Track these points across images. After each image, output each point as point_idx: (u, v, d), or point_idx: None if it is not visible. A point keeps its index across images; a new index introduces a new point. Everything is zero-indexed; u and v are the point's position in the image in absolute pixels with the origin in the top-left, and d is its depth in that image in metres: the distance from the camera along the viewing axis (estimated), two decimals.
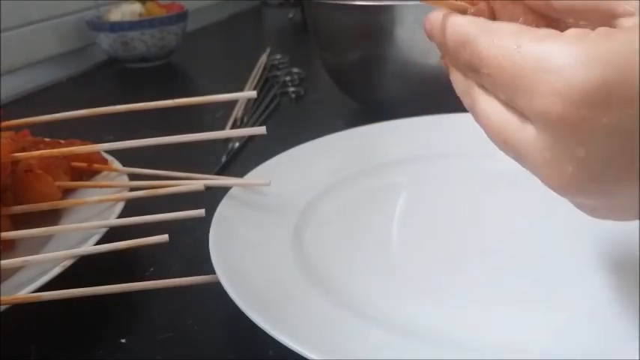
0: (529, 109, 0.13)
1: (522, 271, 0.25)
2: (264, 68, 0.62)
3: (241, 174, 0.32)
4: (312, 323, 0.21)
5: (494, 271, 0.25)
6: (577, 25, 0.16)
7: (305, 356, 0.18)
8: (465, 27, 0.15)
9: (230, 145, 0.43)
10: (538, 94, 0.13)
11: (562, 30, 0.14)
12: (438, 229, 0.29)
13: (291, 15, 0.93)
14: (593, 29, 0.13)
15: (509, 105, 0.14)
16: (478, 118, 0.16)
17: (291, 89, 0.55)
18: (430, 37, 0.18)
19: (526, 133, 0.14)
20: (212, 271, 0.23)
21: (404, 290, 0.24)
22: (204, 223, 0.26)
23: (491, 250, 0.27)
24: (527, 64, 0.13)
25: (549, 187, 0.14)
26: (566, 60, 0.12)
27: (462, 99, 0.17)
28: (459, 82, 0.17)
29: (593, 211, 0.15)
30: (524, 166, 0.15)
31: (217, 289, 0.22)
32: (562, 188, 0.14)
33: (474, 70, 0.15)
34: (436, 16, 0.17)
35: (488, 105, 0.15)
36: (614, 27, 0.13)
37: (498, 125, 0.15)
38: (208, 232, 0.25)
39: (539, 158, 0.14)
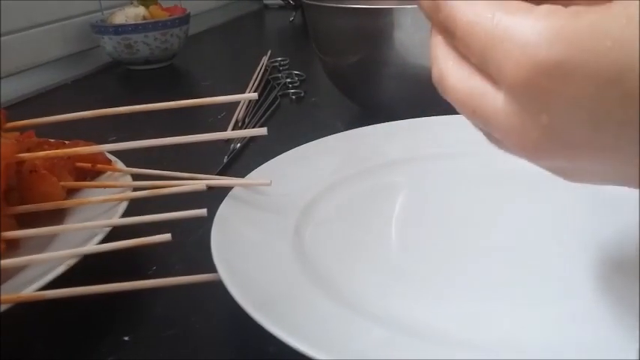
0: (497, 75, 0.14)
1: (522, 270, 0.25)
2: (265, 70, 0.62)
3: (243, 174, 0.32)
4: (313, 321, 0.21)
5: (495, 270, 0.25)
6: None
7: (306, 354, 0.18)
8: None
9: (232, 146, 0.43)
10: (506, 63, 0.14)
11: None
12: (438, 228, 0.29)
13: (291, 18, 0.93)
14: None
15: (481, 70, 0.15)
16: (447, 86, 0.16)
17: (292, 91, 0.55)
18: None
19: (496, 100, 0.14)
20: (214, 270, 0.23)
21: (404, 289, 0.24)
22: (206, 222, 0.26)
23: (491, 249, 0.27)
24: (498, 34, 0.14)
25: (517, 152, 0.15)
26: (531, 36, 0.13)
27: (433, 66, 0.17)
28: (433, 49, 0.17)
29: (566, 175, 0.16)
30: (492, 133, 0.15)
31: (219, 287, 0.22)
32: (529, 152, 0.15)
33: (448, 32, 0.16)
34: None
35: (458, 70, 0.16)
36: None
37: (469, 92, 0.15)
38: (210, 232, 0.26)
39: (508, 124, 0.14)
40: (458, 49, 0.16)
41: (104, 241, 0.26)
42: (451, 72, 0.16)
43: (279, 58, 0.66)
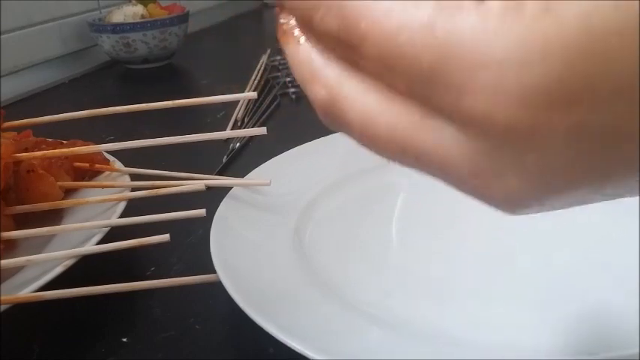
0: (454, 109, 0.10)
1: (522, 270, 0.25)
2: (265, 69, 0.62)
3: (242, 174, 0.32)
4: (312, 322, 0.21)
5: (494, 270, 0.25)
6: None
7: (305, 355, 0.18)
8: None
9: (231, 146, 0.43)
10: (471, 93, 0.09)
11: None
12: (438, 228, 0.29)
13: None
14: None
15: (409, 96, 0.10)
16: (348, 117, 0.11)
17: (292, 90, 0.55)
18: None
19: (444, 136, 0.10)
20: (213, 271, 0.23)
21: (404, 289, 0.24)
22: (205, 222, 0.26)
23: (491, 249, 0.27)
24: (450, 52, 0.09)
25: (483, 200, 0.11)
26: (509, 51, 0.09)
27: (307, 83, 0.12)
28: (302, 60, 0.12)
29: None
30: (435, 177, 0.11)
31: (218, 288, 0.22)
32: (501, 203, 0.11)
33: (344, 45, 0.10)
34: None
35: (366, 97, 0.11)
36: None
37: (391, 126, 0.10)
38: (209, 232, 0.26)
39: (468, 168, 0.10)
40: (362, 66, 0.10)
41: (102, 241, 0.25)
42: (356, 98, 0.11)
43: (279, 57, 0.65)
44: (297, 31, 0.12)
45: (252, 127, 0.46)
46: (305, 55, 0.12)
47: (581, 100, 0.09)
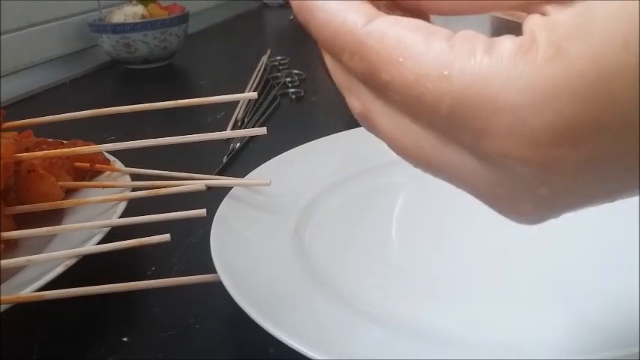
0: (475, 147, 0.11)
1: (522, 270, 0.25)
2: (265, 69, 0.62)
3: (242, 174, 0.32)
4: (313, 322, 0.21)
5: (494, 270, 0.25)
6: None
7: (306, 355, 0.18)
8: (352, 27, 0.11)
9: (231, 146, 0.43)
10: (489, 134, 0.10)
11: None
12: (438, 228, 0.29)
13: (291, 17, 0.93)
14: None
15: (439, 135, 0.11)
16: (380, 130, 0.12)
17: (292, 90, 0.55)
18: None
19: (464, 162, 0.11)
20: (213, 271, 0.23)
21: (403, 290, 0.24)
22: (206, 222, 0.26)
23: (491, 249, 0.27)
24: (466, 98, 0.10)
25: (500, 214, 0.12)
26: (521, 96, 0.09)
27: (346, 95, 0.12)
28: (338, 75, 0.12)
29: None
30: (460, 188, 0.12)
31: (218, 288, 0.22)
32: (516, 220, 0.12)
33: (371, 85, 0.11)
34: None
35: (395, 121, 0.11)
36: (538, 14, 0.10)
37: (418, 145, 0.11)
38: (209, 232, 0.26)
39: (488, 192, 0.11)
40: (385, 97, 0.11)
41: (103, 241, 0.25)
42: (384, 119, 0.12)
43: (279, 57, 0.65)
44: None
45: (252, 127, 0.46)
46: (342, 67, 0.12)
47: (588, 138, 0.10)
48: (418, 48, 0.10)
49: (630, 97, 0.09)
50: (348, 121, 0.45)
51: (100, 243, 0.25)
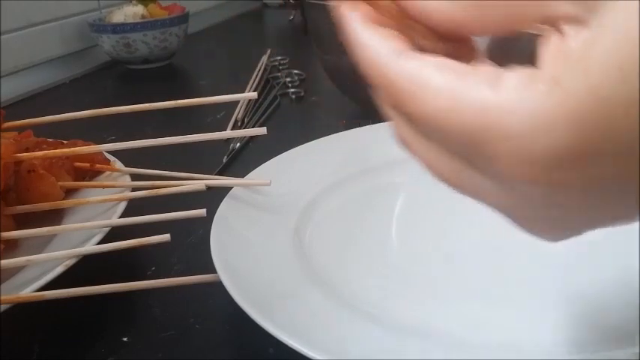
0: (488, 171, 0.12)
1: (522, 270, 0.25)
2: (265, 69, 0.62)
3: (242, 174, 0.32)
4: (313, 322, 0.21)
5: (494, 270, 0.25)
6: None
7: (305, 355, 0.18)
8: (378, 60, 0.12)
9: (231, 146, 0.43)
10: (497, 159, 0.11)
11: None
12: (438, 228, 0.29)
13: (291, 17, 0.93)
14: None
15: (461, 160, 0.12)
16: (416, 156, 0.14)
17: (292, 90, 0.55)
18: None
19: (486, 186, 0.12)
20: (213, 271, 0.23)
21: (403, 290, 0.24)
22: (206, 222, 0.26)
23: (491, 249, 0.27)
24: (477, 128, 0.11)
25: (525, 232, 0.13)
26: (523, 125, 0.10)
27: (390, 124, 0.14)
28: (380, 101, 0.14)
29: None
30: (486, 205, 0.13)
31: (218, 288, 0.22)
32: (537, 237, 0.13)
33: (399, 115, 0.13)
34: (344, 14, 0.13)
35: (428, 149, 0.13)
36: (555, 34, 0.11)
37: (449, 169, 0.13)
38: (209, 232, 0.26)
39: (510, 212, 0.13)
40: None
41: (103, 241, 0.25)
42: (417, 146, 0.13)
43: (279, 57, 0.65)
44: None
45: (253, 127, 0.46)
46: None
47: (592, 162, 0.10)
48: (434, 84, 0.11)
49: (630, 125, 0.10)
50: (348, 121, 0.45)
51: (100, 243, 0.25)
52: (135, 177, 0.32)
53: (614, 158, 0.10)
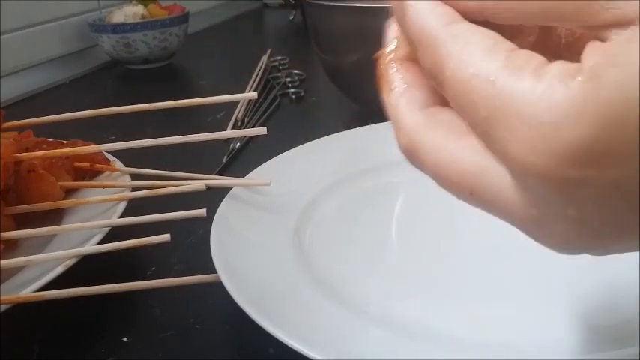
0: (503, 156, 0.11)
1: (523, 271, 0.25)
2: (265, 69, 0.62)
3: (242, 174, 0.32)
4: (313, 322, 0.21)
5: (494, 270, 0.25)
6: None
7: (305, 355, 0.18)
8: (433, 25, 0.12)
9: (231, 146, 0.43)
10: (515, 145, 0.11)
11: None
12: (438, 228, 0.29)
13: (291, 17, 0.93)
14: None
15: (479, 138, 0.12)
16: (426, 160, 0.13)
17: (292, 90, 0.55)
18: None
19: (503, 181, 0.12)
20: (213, 271, 0.23)
21: (403, 290, 0.24)
22: (206, 222, 0.26)
23: (491, 249, 0.27)
24: (502, 105, 0.11)
25: (537, 242, 0.13)
26: (548, 114, 0.10)
27: (395, 129, 0.14)
28: (391, 111, 0.14)
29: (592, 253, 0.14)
30: (499, 218, 0.13)
31: (218, 288, 0.22)
32: (553, 246, 0.13)
33: (431, 74, 0.13)
34: None
35: (439, 152, 0.12)
36: (604, 38, 0.11)
37: (463, 168, 0.12)
38: (209, 232, 0.26)
39: (523, 214, 0.12)
40: (444, 98, 0.12)
41: (103, 241, 0.25)
42: (430, 150, 0.13)
43: (279, 57, 0.65)
44: (390, 76, 0.14)
45: (253, 127, 0.46)
46: (394, 101, 0.14)
47: (614, 162, 0.10)
48: (478, 53, 0.11)
49: None
50: (348, 121, 0.45)
51: (100, 243, 0.25)
52: (135, 177, 0.32)
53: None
